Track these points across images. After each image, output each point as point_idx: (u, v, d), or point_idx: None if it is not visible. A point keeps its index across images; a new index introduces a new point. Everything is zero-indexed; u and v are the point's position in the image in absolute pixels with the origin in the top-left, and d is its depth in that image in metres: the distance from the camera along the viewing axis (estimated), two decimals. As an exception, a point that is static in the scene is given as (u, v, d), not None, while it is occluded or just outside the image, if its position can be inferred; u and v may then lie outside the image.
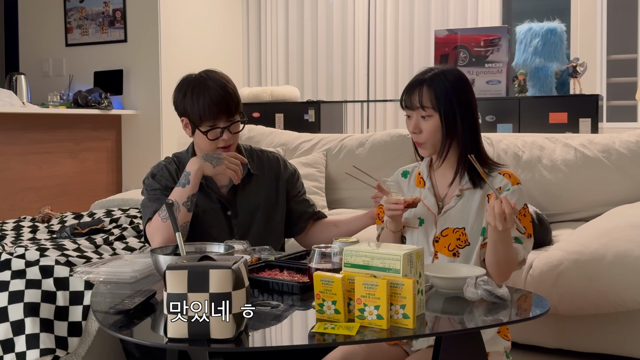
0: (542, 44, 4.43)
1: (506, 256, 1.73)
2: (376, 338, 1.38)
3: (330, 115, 5.37)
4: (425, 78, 1.85)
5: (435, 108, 1.83)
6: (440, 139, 1.85)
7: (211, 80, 2.10)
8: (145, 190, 2.19)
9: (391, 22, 5.84)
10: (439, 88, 1.83)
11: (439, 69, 1.88)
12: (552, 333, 2.57)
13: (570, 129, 4.21)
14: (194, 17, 5.69)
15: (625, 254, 2.35)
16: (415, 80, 1.88)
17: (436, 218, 1.88)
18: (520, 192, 1.83)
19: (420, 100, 1.83)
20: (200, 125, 2.10)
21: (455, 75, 1.88)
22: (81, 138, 5.03)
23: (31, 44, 5.78)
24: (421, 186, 1.94)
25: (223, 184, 2.20)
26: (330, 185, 3.61)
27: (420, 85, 1.85)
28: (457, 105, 1.84)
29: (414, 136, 1.87)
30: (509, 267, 1.76)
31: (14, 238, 2.49)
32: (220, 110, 2.07)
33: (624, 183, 3.10)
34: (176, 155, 2.27)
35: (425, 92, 1.83)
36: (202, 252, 1.81)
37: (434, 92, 1.83)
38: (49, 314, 1.91)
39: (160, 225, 2.04)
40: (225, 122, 2.10)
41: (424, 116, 1.84)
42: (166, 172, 2.19)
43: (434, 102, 1.83)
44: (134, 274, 1.78)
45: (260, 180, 2.23)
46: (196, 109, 2.07)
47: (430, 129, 1.84)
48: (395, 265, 1.40)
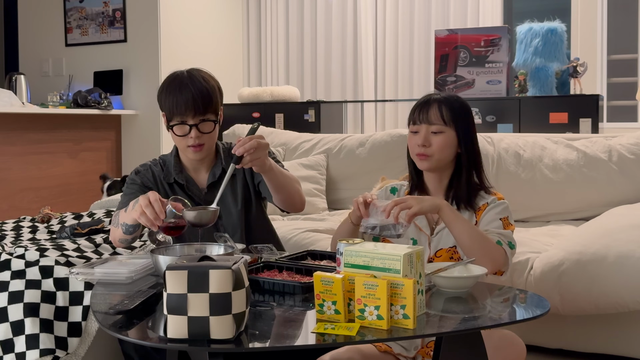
0: (543, 44, 4.43)
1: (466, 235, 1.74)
2: (376, 338, 1.37)
3: (330, 115, 5.37)
4: (439, 98, 1.91)
5: (450, 125, 1.87)
6: (448, 155, 1.89)
7: (189, 77, 2.11)
8: (126, 183, 2.22)
9: (391, 22, 5.84)
10: (455, 107, 1.89)
11: (448, 93, 1.97)
12: (553, 333, 2.57)
13: (570, 129, 4.21)
14: (194, 17, 5.69)
15: (627, 254, 2.35)
16: (427, 98, 1.92)
17: (430, 239, 1.89)
18: (503, 205, 1.88)
19: (438, 115, 1.87)
20: (170, 120, 2.12)
21: (464, 101, 1.95)
22: (81, 138, 5.02)
23: (31, 44, 5.78)
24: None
25: (202, 185, 2.20)
26: (330, 186, 3.61)
27: (438, 102, 1.89)
28: (469, 128, 1.91)
29: (422, 149, 1.88)
30: (483, 245, 1.75)
31: (13, 238, 2.49)
32: (187, 108, 2.08)
33: (626, 183, 3.10)
34: (162, 157, 2.28)
35: (443, 109, 1.88)
36: (201, 252, 1.81)
37: (450, 110, 1.88)
38: (48, 314, 1.90)
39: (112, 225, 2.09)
40: (193, 120, 2.10)
41: (435, 131, 1.87)
42: (149, 173, 2.21)
43: (450, 119, 1.87)
44: (129, 274, 1.77)
45: (234, 177, 2.21)
46: (167, 104, 2.10)
47: (440, 143, 1.87)
48: (395, 265, 1.40)
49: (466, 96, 4.56)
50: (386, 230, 1.75)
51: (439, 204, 1.76)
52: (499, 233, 1.81)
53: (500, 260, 1.77)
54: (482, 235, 1.77)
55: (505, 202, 1.89)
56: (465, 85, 4.60)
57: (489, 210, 1.87)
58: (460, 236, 1.75)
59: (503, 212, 1.87)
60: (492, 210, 1.87)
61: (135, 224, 1.97)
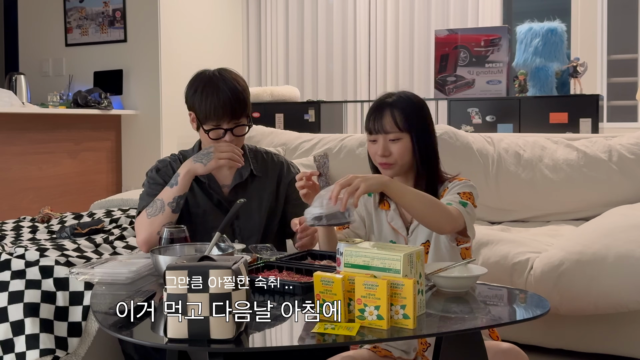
0: (543, 44, 4.44)
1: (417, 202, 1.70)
2: (376, 338, 1.37)
3: (330, 115, 5.37)
4: (391, 102, 1.88)
5: (406, 130, 1.86)
6: (410, 159, 1.88)
7: (223, 80, 2.10)
8: (147, 183, 2.19)
9: (391, 22, 5.84)
10: (408, 110, 1.87)
11: (398, 93, 1.92)
12: (552, 333, 2.57)
13: (570, 129, 4.22)
14: (194, 17, 5.69)
15: (627, 254, 2.35)
16: (379, 104, 1.90)
17: (406, 240, 1.89)
18: (465, 183, 1.86)
19: (392, 123, 1.85)
20: (204, 123, 2.11)
21: (416, 97, 1.93)
22: (81, 138, 5.02)
23: (31, 44, 5.78)
24: (386, 208, 1.95)
25: (225, 184, 2.19)
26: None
27: (390, 108, 1.87)
28: (426, 126, 1.90)
29: (383, 159, 1.87)
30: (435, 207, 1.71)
31: (13, 238, 2.49)
32: (225, 113, 2.08)
33: (626, 183, 3.10)
34: (182, 152, 2.27)
35: (396, 115, 1.86)
36: (201, 252, 1.80)
37: (404, 115, 1.86)
38: (48, 314, 1.90)
39: (145, 222, 2.06)
40: (229, 124, 2.10)
41: (392, 139, 1.86)
42: (170, 170, 2.19)
43: (404, 125, 1.85)
44: (129, 274, 1.77)
45: (262, 183, 2.22)
46: (203, 107, 2.08)
47: (400, 151, 1.86)
48: (395, 265, 1.40)
49: (466, 96, 4.56)
50: (334, 219, 1.63)
51: (385, 181, 1.69)
52: (452, 198, 1.79)
53: (455, 216, 1.74)
54: (432, 199, 1.73)
55: (467, 181, 1.87)
56: (465, 85, 4.60)
57: (449, 191, 1.86)
58: (412, 205, 1.71)
59: (462, 187, 1.84)
60: (452, 189, 1.85)
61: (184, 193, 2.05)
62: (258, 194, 2.20)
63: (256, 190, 2.20)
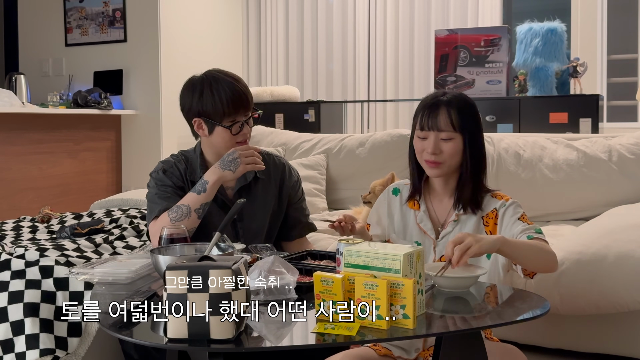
0: (543, 44, 4.43)
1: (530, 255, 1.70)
2: (376, 338, 1.37)
3: (330, 115, 5.37)
4: (447, 100, 1.83)
5: (459, 131, 1.81)
6: (458, 160, 1.83)
7: (223, 76, 2.10)
8: (155, 185, 2.14)
9: (391, 22, 5.84)
10: (465, 111, 1.83)
11: (451, 92, 1.87)
12: (552, 333, 2.57)
13: (570, 129, 4.21)
14: (194, 17, 5.69)
15: (627, 254, 2.35)
16: (435, 101, 1.84)
17: (435, 243, 1.87)
18: (513, 204, 1.84)
19: (447, 122, 1.81)
20: (222, 120, 2.09)
21: (470, 99, 1.89)
22: (81, 138, 5.02)
23: (31, 44, 5.78)
24: (415, 208, 1.93)
25: (229, 186, 2.19)
26: (330, 186, 3.60)
27: (446, 107, 1.82)
28: (478, 130, 1.86)
29: (433, 156, 1.82)
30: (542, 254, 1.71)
31: (13, 238, 2.49)
32: (240, 104, 2.08)
33: (626, 183, 3.10)
34: (184, 153, 2.23)
35: (452, 114, 1.81)
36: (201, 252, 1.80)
37: (460, 114, 1.81)
38: (48, 314, 1.90)
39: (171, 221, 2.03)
40: (243, 116, 2.10)
41: (444, 138, 1.81)
42: (177, 171, 2.16)
43: (459, 125, 1.81)
44: (129, 274, 1.77)
45: (266, 185, 2.22)
46: (218, 104, 2.06)
47: (451, 151, 1.81)
48: (395, 265, 1.40)
49: (466, 96, 4.56)
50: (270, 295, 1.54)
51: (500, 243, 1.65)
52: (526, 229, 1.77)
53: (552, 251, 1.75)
54: (538, 246, 1.71)
55: (513, 201, 1.84)
56: (465, 85, 4.60)
57: (503, 216, 1.82)
58: (527, 257, 1.70)
59: (516, 210, 1.82)
60: (506, 215, 1.82)
61: (210, 200, 2.05)
62: (262, 197, 2.19)
63: (260, 192, 2.20)
